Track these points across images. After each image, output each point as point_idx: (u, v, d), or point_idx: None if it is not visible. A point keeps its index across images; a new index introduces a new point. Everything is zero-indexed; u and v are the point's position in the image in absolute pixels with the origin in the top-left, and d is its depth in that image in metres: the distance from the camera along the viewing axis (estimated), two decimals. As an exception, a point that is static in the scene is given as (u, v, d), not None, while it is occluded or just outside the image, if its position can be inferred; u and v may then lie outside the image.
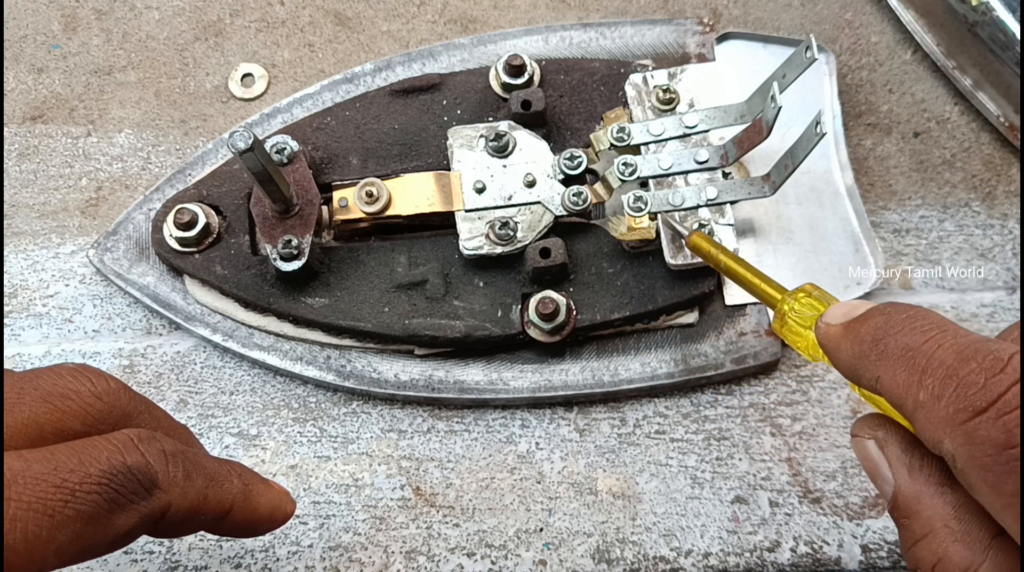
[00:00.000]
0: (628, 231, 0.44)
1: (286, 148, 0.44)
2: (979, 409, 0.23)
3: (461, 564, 0.43)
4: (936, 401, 0.24)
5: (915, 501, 0.27)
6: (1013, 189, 0.49)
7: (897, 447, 0.28)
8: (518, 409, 0.45)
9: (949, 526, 0.26)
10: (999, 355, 0.24)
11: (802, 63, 0.40)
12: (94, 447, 0.28)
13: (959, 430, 0.24)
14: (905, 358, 0.25)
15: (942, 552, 0.26)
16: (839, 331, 0.28)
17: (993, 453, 0.23)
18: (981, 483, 0.24)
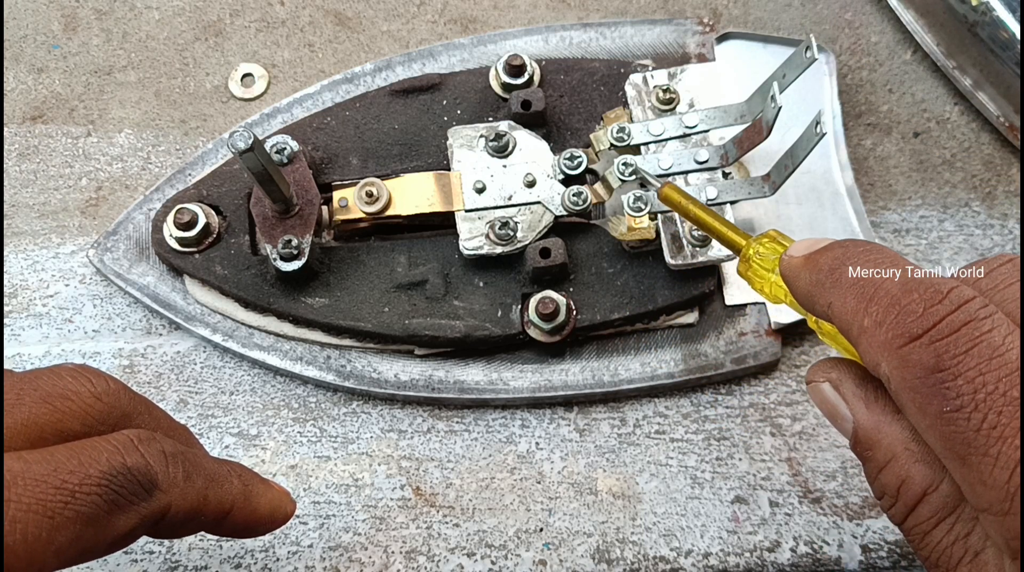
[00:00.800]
0: (628, 231, 0.44)
1: (286, 148, 0.44)
2: (915, 335, 0.25)
3: (461, 564, 0.43)
4: (878, 326, 0.26)
5: (875, 431, 0.28)
6: (1013, 189, 0.49)
7: (851, 383, 0.29)
8: (518, 409, 0.45)
9: (909, 448, 0.28)
10: (939, 288, 0.25)
11: (802, 63, 0.40)
12: (94, 448, 0.28)
13: (895, 354, 0.25)
14: (856, 286, 0.27)
15: (905, 473, 0.28)
16: (800, 262, 0.30)
17: (922, 376, 0.24)
18: (910, 404, 0.25)
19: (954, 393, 0.24)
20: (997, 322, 0.25)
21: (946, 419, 0.24)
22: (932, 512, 0.27)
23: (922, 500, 0.27)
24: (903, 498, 0.28)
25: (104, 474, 0.27)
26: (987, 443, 0.23)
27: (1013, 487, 0.23)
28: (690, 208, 0.36)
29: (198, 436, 0.44)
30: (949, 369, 0.24)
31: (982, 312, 0.25)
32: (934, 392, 0.24)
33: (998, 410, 0.23)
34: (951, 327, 0.25)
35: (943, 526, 0.27)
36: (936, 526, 0.27)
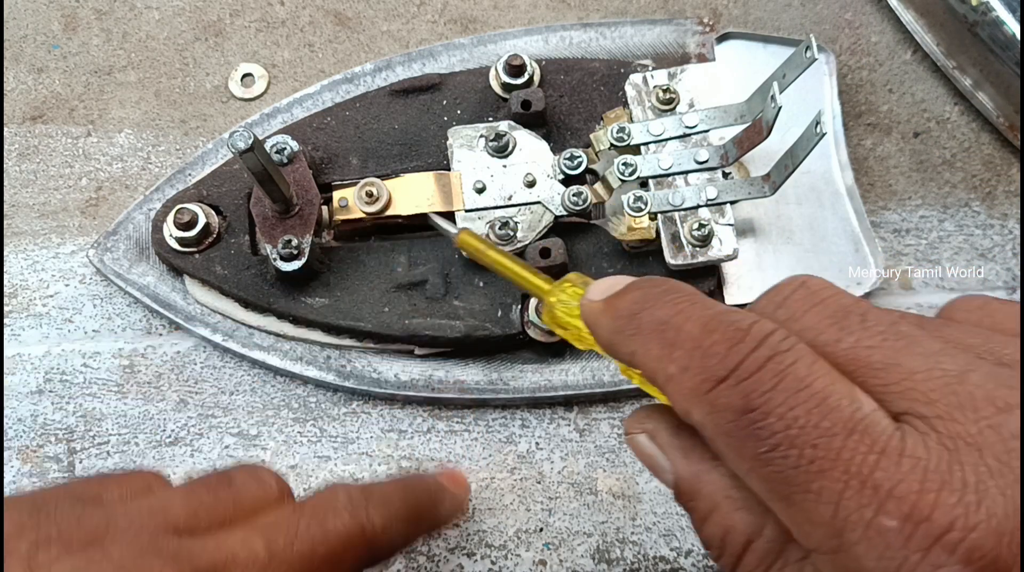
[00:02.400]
0: (628, 231, 0.44)
1: (286, 148, 0.44)
2: (720, 378, 0.24)
3: (461, 564, 0.43)
4: (683, 373, 0.25)
5: (695, 481, 0.27)
6: (1013, 189, 0.49)
7: (667, 433, 0.28)
8: (518, 409, 0.45)
9: (730, 496, 0.26)
10: (740, 325, 0.24)
11: (802, 63, 0.40)
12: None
13: (704, 400, 0.24)
14: (657, 332, 0.26)
15: (728, 523, 0.26)
16: (600, 306, 0.29)
17: (733, 419, 0.23)
18: (727, 449, 0.24)
19: (767, 432, 0.23)
20: (800, 353, 0.24)
21: (763, 460, 0.23)
22: (759, 560, 0.26)
23: (747, 549, 0.26)
24: (729, 548, 0.27)
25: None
26: (807, 479, 0.22)
27: (839, 523, 0.22)
28: (489, 254, 0.36)
29: (198, 436, 0.45)
30: (759, 408, 0.23)
31: (784, 344, 0.24)
32: (747, 434, 0.23)
33: (812, 443, 0.22)
34: (755, 364, 0.23)
35: (772, 571, 0.26)
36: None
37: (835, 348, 0.24)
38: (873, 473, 0.21)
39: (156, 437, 0.45)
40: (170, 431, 0.45)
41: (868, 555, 0.21)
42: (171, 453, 0.44)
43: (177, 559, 0.28)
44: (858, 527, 0.21)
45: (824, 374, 0.23)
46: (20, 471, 0.44)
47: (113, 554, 0.27)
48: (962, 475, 0.21)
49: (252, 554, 0.29)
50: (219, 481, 0.32)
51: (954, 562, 0.20)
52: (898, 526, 0.21)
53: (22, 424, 0.45)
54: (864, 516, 0.21)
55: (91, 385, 0.45)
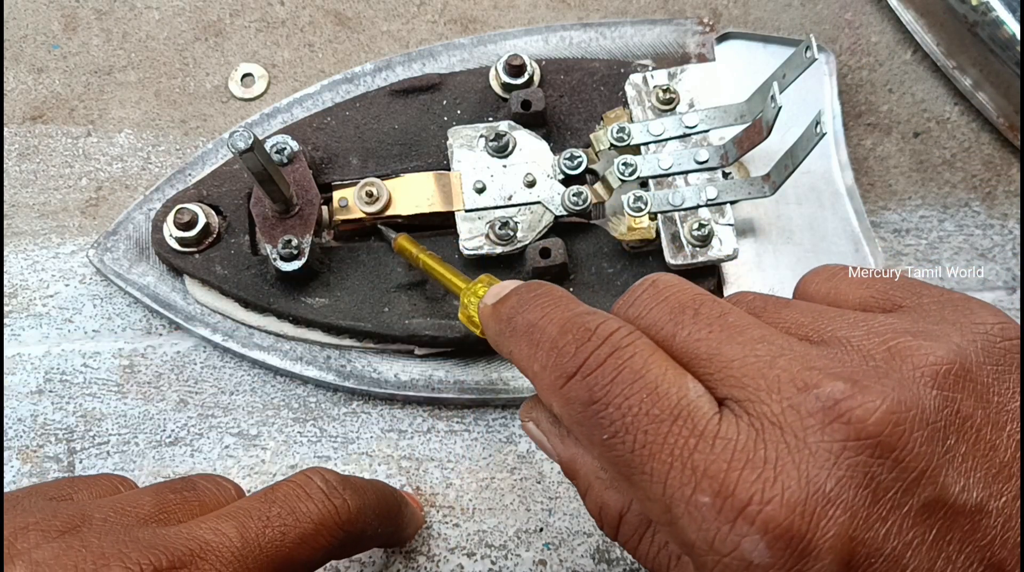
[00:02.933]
0: (628, 231, 0.44)
1: (286, 148, 0.44)
2: (570, 373, 0.26)
3: (461, 564, 0.43)
4: (543, 370, 0.27)
5: (571, 463, 0.31)
6: (1013, 189, 0.49)
7: (547, 422, 0.31)
8: (518, 409, 0.45)
9: (600, 477, 0.30)
10: (588, 325, 0.27)
11: (802, 63, 0.40)
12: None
13: (559, 394, 0.27)
14: (527, 333, 0.28)
15: (601, 500, 0.30)
16: (488, 311, 0.31)
17: (581, 410, 0.26)
18: (580, 437, 0.27)
19: (608, 421, 0.25)
20: (639, 347, 0.26)
21: (607, 446, 0.25)
22: (632, 530, 0.29)
23: (621, 521, 0.29)
24: (605, 520, 0.30)
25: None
26: (641, 461, 0.25)
27: (667, 500, 0.24)
28: (419, 257, 0.39)
29: (198, 436, 0.45)
30: (600, 400, 0.25)
31: (625, 340, 0.26)
32: (593, 424, 0.26)
33: (644, 429, 0.25)
34: (598, 360, 0.26)
35: (645, 539, 0.29)
36: (640, 541, 0.29)
37: (672, 341, 0.27)
38: (692, 454, 0.24)
39: (156, 437, 0.45)
40: (170, 431, 0.45)
41: (690, 527, 0.24)
42: (171, 453, 0.44)
43: (152, 546, 0.28)
44: (681, 503, 0.24)
45: (657, 365, 0.26)
46: (20, 471, 0.44)
47: (91, 541, 0.28)
48: (763, 453, 0.23)
49: (224, 540, 0.30)
50: (183, 484, 0.33)
51: (754, 532, 0.23)
52: (710, 501, 0.23)
53: (22, 424, 0.45)
54: (685, 493, 0.24)
55: (91, 385, 0.45)
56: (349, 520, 0.33)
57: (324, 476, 0.33)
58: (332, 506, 0.32)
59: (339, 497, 0.33)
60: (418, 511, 0.42)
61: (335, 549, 0.33)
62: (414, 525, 0.41)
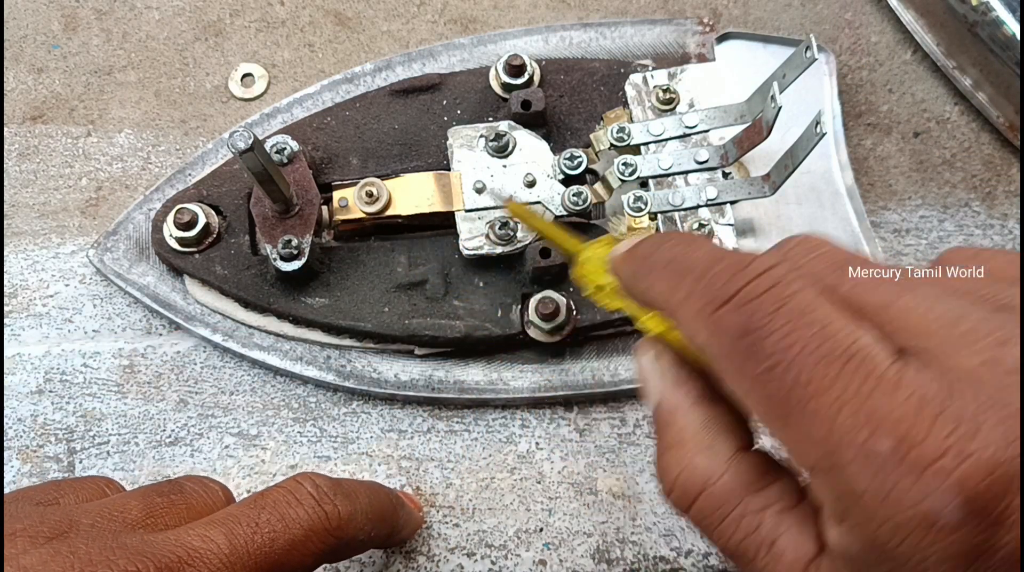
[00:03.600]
0: (628, 231, 0.44)
1: (286, 148, 0.44)
2: (724, 300, 0.25)
3: (461, 564, 0.43)
4: (689, 298, 0.26)
5: (672, 412, 0.29)
6: (1013, 189, 0.49)
7: (668, 362, 0.30)
8: (518, 409, 0.45)
9: (697, 436, 0.28)
10: (743, 257, 0.26)
11: (802, 63, 0.40)
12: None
13: (708, 321, 0.25)
14: (667, 267, 0.28)
15: (687, 461, 0.28)
16: (622, 256, 0.31)
17: (735, 338, 0.24)
18: (728, 370, 0.25)
19: (766, 353, 0.24)
20: (804, 285, 0.24)
21: (762, 380, 0.24)
22: (715, 507, 0.27)
23: (702, 493, 0.27)
24: (681, 486, 0.28)
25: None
26: (803, 399, 0.23)
27: (834, 443, 0.22)
28: (531, 221, 0.38)
29: (198, 436, 0.45)
30: (759, 329, 0.24)
31: (788, 276, 0.25)
32: (747, 354, 0.24)
33: (810, 366, 0.23)
34: (758, 290, 0.25)
35: (729, 523, 0.27)
36: (722, 522, 0.27)
37: (834, 293, 0.25)
38: (868, 399, 0.22)
39: (156, 437, 0.45)
40: (170, 431, 0.45)
41: (860, 475, 0.22)
42: (171, 453, 0.44)
43: (140, 553, 0.28)
44: (851, 448, 0.22)
45: (825, 306, 0.24)
46: (20, 471, 0.44)
47: (78, 547, 0.28)
48: (959, 406, 0.21)
49: (213, 547, 0.29)
50: (170, 487, 0.33)
51: (946, 489, 0.21)
52: (891, 449, 0.21)
53: (22, 424, 0.45)
54: (858, 438, 0.22)
55: (91, 385, 0.45)
56: (340, 526, 0.33)
57: (315, 481, 0.33)
58: (322, 512, 0.32)
59: (329, 503, 0.33)
60: (416, 511, 0.42)
61: (326, 555, 0.33)
62: (411, 526, 0.41)
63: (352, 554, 0.36)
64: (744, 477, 0.27)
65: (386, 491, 0.38)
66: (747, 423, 0.28)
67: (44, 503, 0.31)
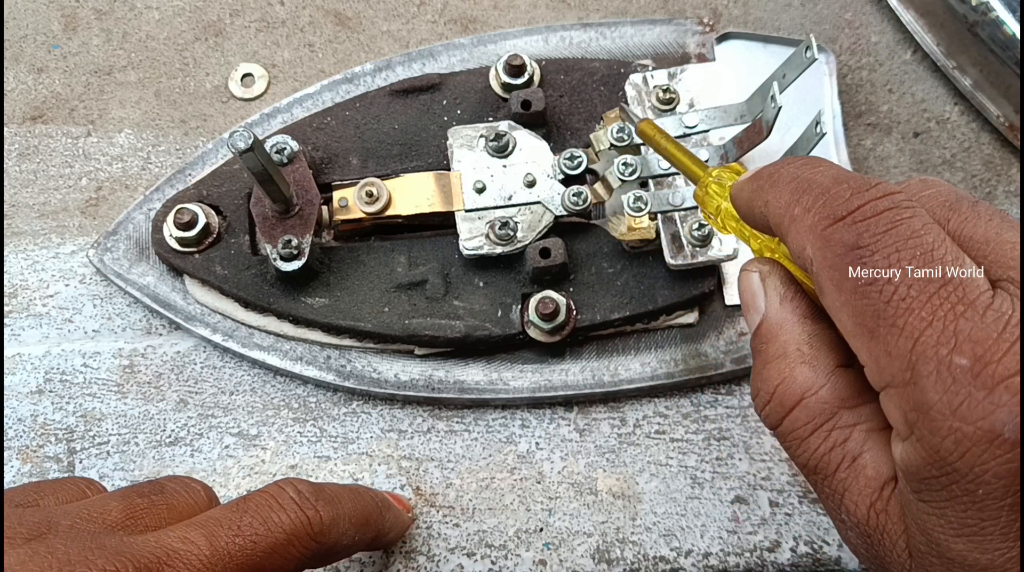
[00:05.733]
0: (628, 231, 0.44)
1: (286, 148, 0.44)
2: (839, 217, 0.26)
3: (461, 564, 0.43)
4: (806, 212, 0.27)
5: (777, 327, 0.30)
6: (1013, 189, 0.49)
7: (776, 279, 0.31)
8: (518, 409, 0.45)
9: (801, 349, 0.29)
10: (866, 180, 0.27)
11: (802, 63, 0.40)
12: None
13: (820, 235, 0.27)
14: (792, 182, 0.29)
15: (788, 372, 0.29)
16: (746, 178, 0.32)
17: (842, 252, 0.26)
18: (828, 282, 0.26)
19: (870, 267, 0.25)
20: (918, 213, 0.26)
21: (860, 292, 0.25)
22: (809, 417, 0.28)
23: (799, 404, 0.29)
24: (779, 397, 0.29)
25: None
26: (895, 313, 0.24)
27: (915, 356, 0.24)
28: (659, 141, 0.38)
29: (198, 436, 0.45)
30: (867, 246, 0.25)
31: (905, 202, 0.26)
32: (852, 267, 0.26)
33: (908, 284, 0.24)
34: (874, 210, 0.26)
35: (820, 433, 0.28)
36: (813, 433, 0.28)
37: (945, 225, 0.27)
38: (958, 319, 0.24)
39: (156, 437, 0.45)
40: (170, 431, 0.45)
41: (935, 387, 0.23)
42: (171, 453, 0.44)
43: (119, 554, 0.28)
44: (931, 361, 0.23)
45: (935, 234, 0.25)
46: (20, 471, 0.44)
47: (57, 548, 0.28)
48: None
49: (193, 548, 0.29)
50: (151, 488, 0.33)
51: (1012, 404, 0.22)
52: (968, 364, 0.23)
53: (22, 424, 0.45)
54: (939, 353, 0.23)
55: (91, 385, 0.45)
56: (322, 531, 0.33)
57: (297, 487, 0.33)
58: (305, 517, 0.32)
59: (311, 508, 0.33)
60: (404, 513, 0.42)
61: (308, 560, 0.33)
62: (399, 528, 0.40)
63: (337, 559, 0.36)
64: (842, 392, 0.28)
65: (371, 494, 0.38)
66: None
67: (23, 505, 0.31)
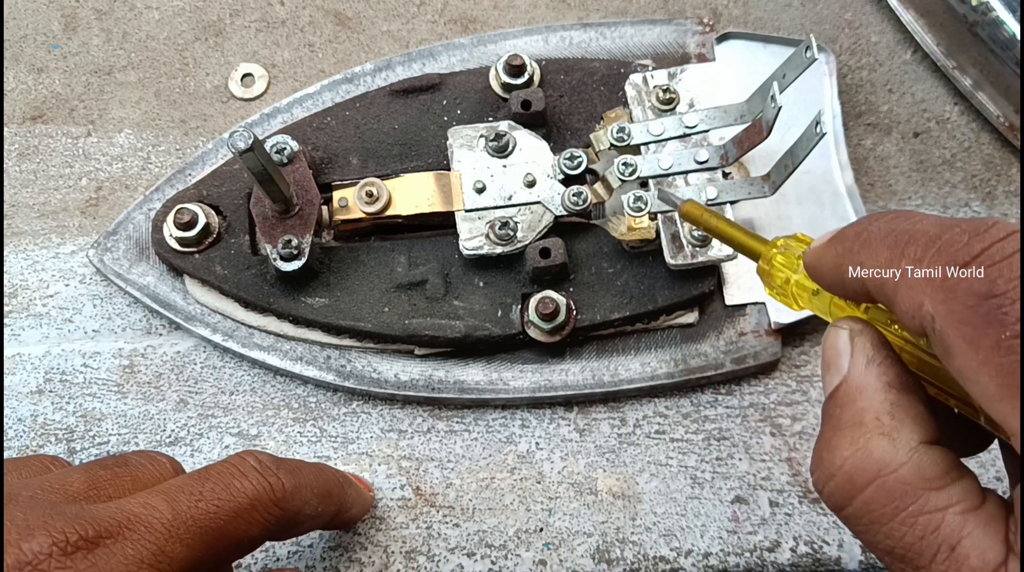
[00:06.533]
0: (628, 231, 0.44)
1: (286, 148, 0.44)
2: (962, 263, 0.23)
3: (461, 564, 0.43)
4: (918, 264, 0.24)
5: (857, 392, 0.27)
6: (1013, 189, 0.49)
7: (867, 340, 0.27)
8: (518, 409, 0.45)
9: (880, 420, 0.26)
10: (982, 221, 0.24)
11: (802, 63, 0.40)
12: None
13: (940, 287, 0.23)
14: (888, 238, 0.25)
15: (862, 444, 0.25)
16: (824, 244, 0.28)
17: (974, 304, 0.22)
18: (959, 340, 0.23)
19: (1013, 318, 0.22)
20: None
21: (1005, 348, 0.22)
22: (888, 499, 0.25)
23: (873, 482, 0.25)
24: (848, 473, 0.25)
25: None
26: None
27: None
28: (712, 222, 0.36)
29: (198, 436, 0.45)
30: (1005, 293, 0.22)
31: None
32: (989, 319, 0.22)
33: None
34: (1002, 253, 0.22)
35: (905, 518, 0.24)
36: (894, 517, 0.25)
37: None
38: None
39: (156, 437, 0.45)
40: (170, 431, 0.45)
41: None
42: (171, 453, 0.44)
43: (79, 518, 0.28)
44: None
45: None
46: (20, 471, 0.44)
47: (16, 516, 0.28)
48: None
49: (155, 512, 0.30)
50: (115, 461, 0.33)
51: None
52: None
53: (22, 424, 0.45)
54: None
55: (91, 385, 0.45)
56: (284, 497, 0.33)
57: (257, 456, 0.33)
58: (267, 483, 0.32)
59: (273, 475, 0.33)
60: (366, 492, 0.42)
61: (273, 526, 0.33)
62: (361, 505, 0.41)
63: (301, 530, 0.36)
64: (926, 471, 0.25)
65: (332, 470, 0.39)
66: (936, 417, 0.26)
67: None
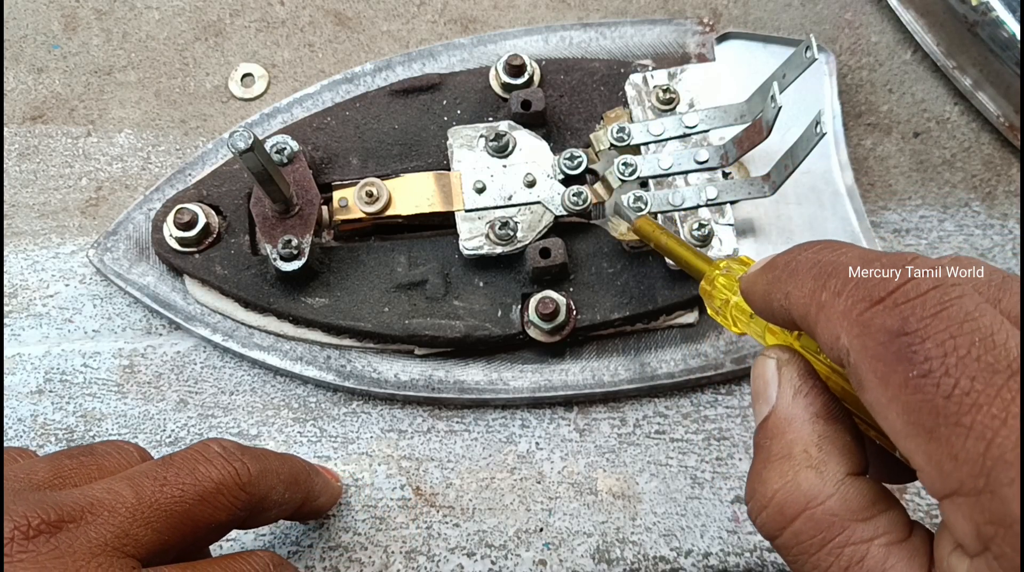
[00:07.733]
0: (628, 231, 0.44)
1: (286, 148, 0.44)
2: (877, 299, 0.23)
3: (461, 564, 0.43)
4: (836, 297, 0.24)
5: (785, 423, 0.27)
6: (1013, 189, 0.49)
7: (794, 370, 0.28)
8: (518, 409, 0.45)
9: (808, 452, 0.26)
10: (901, 256, 0.24)
11: (802, 63, 0.40)
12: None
13: (856, 321, 0.23)
14: (813, 267, 0.26)
15: (791, 476, 0.26)
16: (757, 270, 0.29)
17: (886, 340, 0.23)
18: (871, 374, 0.23)
19: (922, 357, 0.22)
20: (967, 291, 0.23)
21: (912, 386, 0.22)
22: (815, 531, 0.25)
23: (802, 514, 0.25)
24: (778, 505, 0.26)
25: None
26: (959, 411, 0.21)
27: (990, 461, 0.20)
28: (660, 238, 0.37)
29: (198, 436, 0.45)
30: (916, 332, 0.22)
31: (950, 280, 0.23)
32: (899, 357, 0.22)
33: (971, 376, 0.21)
34: (917, 290, 0.23)
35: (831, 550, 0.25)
36: (821, 549, 0.25)
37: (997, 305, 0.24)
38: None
39: (156, 437, 0.45)
40: (170, 431, 0.45)
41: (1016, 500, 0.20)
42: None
43: (41, 503, 0.28)
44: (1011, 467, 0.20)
45: (991, 316, 0.22)
46: (20, 471, 0.44)
47: None
48: None
49: (119, 497, 0.30)
50: (81, 450, 0.33)
51: None
52: None
53: (22, 424, 0.45)
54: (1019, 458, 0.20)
55: (91, 385, 0.45)
56: (250, 481, 0.33)
57: (221, 443, 0.33)
58: (232, 468, 0.32)
59: (238, 460, 0.33)
60: (334, 482, 0.42)
61: (239, 512, 0.33)
62: (329, 494, 0.41)
63: (270, 518, 0.36)
64: (853, 503, 0.25)
65: (298, 459, 0.39)
66: (864, 448, 0.27)
67: None
